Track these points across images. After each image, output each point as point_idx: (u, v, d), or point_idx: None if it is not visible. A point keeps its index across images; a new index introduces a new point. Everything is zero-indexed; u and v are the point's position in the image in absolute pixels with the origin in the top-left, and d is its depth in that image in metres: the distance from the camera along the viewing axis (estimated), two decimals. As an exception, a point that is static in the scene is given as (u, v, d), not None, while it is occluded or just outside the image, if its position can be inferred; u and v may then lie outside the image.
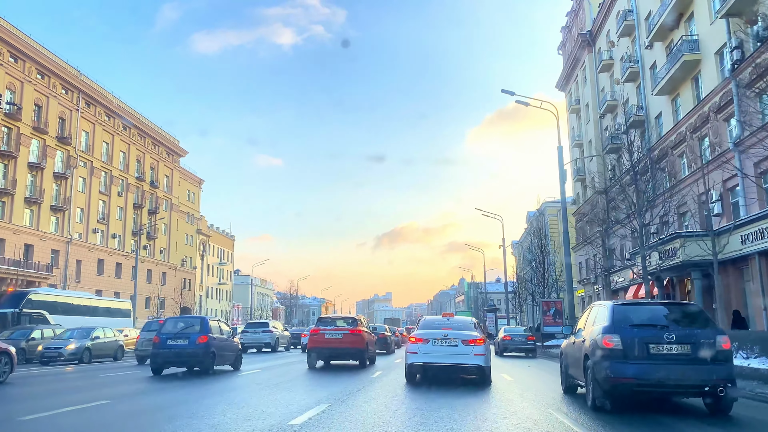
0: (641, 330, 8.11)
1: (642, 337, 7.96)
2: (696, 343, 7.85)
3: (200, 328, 15.32)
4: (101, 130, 54.88)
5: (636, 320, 8.35)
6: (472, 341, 12.12)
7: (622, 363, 7.85)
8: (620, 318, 8.34)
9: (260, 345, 29.44)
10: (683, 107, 27.13)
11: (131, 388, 12.62)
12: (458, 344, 12.06)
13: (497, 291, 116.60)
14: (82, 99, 51.59)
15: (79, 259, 50.77)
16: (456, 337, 12.12)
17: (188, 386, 12.39)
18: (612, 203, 29.04)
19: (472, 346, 12.06)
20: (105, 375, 16.37)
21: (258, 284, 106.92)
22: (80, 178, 51.78)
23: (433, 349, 12.08)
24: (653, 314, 8.65)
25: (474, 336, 12.28)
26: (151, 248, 64.12)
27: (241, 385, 12.73)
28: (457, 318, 13.75)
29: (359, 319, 19.12)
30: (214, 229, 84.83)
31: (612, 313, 8.47)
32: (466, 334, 12.31)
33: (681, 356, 7.83)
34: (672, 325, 8.14)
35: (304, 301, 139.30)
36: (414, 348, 12.27)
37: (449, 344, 12.06)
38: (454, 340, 12.08)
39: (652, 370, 7.75)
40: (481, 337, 12.34)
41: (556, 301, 29.42)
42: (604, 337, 8.12)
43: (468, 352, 12.01)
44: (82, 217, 52.01)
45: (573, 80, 46.82)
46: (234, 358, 16.78)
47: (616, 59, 36.86)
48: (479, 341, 12.16)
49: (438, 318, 13.59)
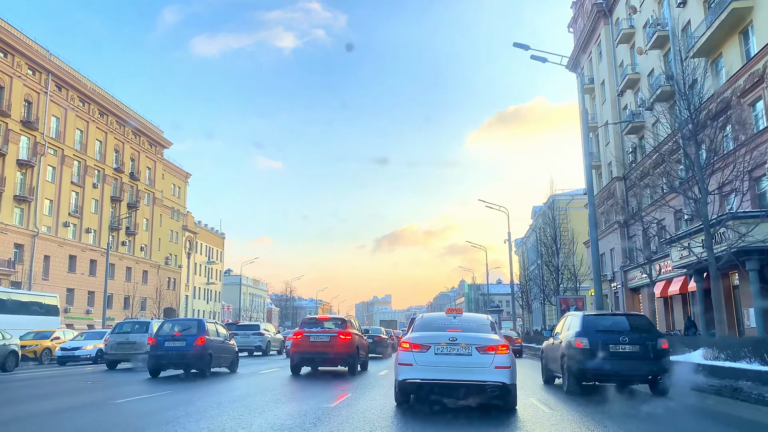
0: (604, 334, 10.72)
1: (604, 340, 10.57)
2: (643, 344, 10.57)
3: (197, 331, 15.37)
4: (74, 116, 50.73)
5: (600, 327, 11.01)
6: (492, 348, 8.09)
7: (590, 359, 10.43)
8: (589, 325, 10.96)
9: (251, 348, 28.01)
10: (727, 69, 23.09)
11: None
12: (472, 352, 8.03)
13: (499, 293, 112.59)
14: (51, 81, 47.46)
15: (47, 255, 46.61)
16: (468, 343, 8.10)
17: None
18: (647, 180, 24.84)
19: (491, 354, 8.02)
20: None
21: (250, 285, 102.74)
22: (49, 167, 47.63)
23: (434, 359, 8.08)
24: (613, 322, 11.53)
25: (494, 341, 8.26)
26: (131, 245, 59.94)
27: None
28: (467, 315, 9.62)
29: (349, 320, 17.18)
30: (202, 226, 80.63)
31: (583, 321, 11.19)
32: (483, 338, 8.29)
33: (632, 354, 10.50)
34: (626, 331, 10.82)
35: (300, 302, 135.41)
36: (407, 358, 8.25)
37: (459, 352, 8.04)
38: (465, 347, 8.05)
39: (611, 364, 10.41)
40: (503, 343, 8.28)
41: (576, 299, 25.23)
42: (576, 340, 10.72)
43: (486, 363, 7.98)
44: (51, 209, 47.84)
45: (586, 58, 42.76)
46: (230, 360, 16.85)
47: (638, 27, 32.82)
48: (501, 348, 8.12)
49: (441, 315, 9.47)
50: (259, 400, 9.85)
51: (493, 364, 7.94)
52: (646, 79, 31.79)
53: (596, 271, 18.97)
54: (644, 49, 31.19)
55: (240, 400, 9.81)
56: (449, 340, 8.10)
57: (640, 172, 32.86)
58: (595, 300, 19.32)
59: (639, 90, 32.86)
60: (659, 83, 28.37)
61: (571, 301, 26.32)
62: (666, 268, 28.90)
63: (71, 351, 23.04)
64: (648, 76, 31.45)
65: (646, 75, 31.77)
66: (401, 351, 8.43)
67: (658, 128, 29.55)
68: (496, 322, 9.37)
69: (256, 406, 9.04)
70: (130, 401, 10.18)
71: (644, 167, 32.30)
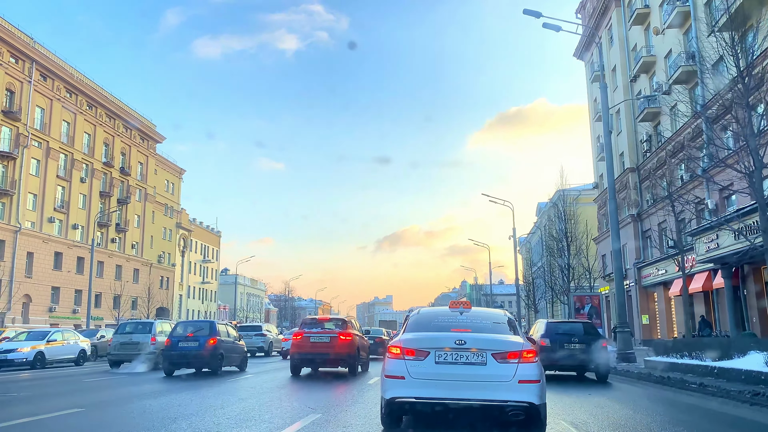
0: (561, 336, 14.60)
1: (561, 340, 14.41)
2: (588, 343, 14.27)
3: (209, 332, 16.06)
4: (60, 107, 48.62)
5: (559, 331, 14.98)
6: (515, 354, 5.96)
7: (551, 354, 13.94)
8: (551, 329, 15.03)
9: (253, 349, 27.52)
10: (761, 41, 20.88)
11: None
12: (486, 360, 5.90)
13: (502, 293, 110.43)
14: (36, 70, 45.38)
15: (31, 252, 44.51)
16: (482, 347, 5.99)
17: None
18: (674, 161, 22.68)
19: (513, 363, 5.91)
20: None
21: (248, 284, 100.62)
22: (33, 160, 45.55)
23: (435, 370, 5.96)
24: (569, 327, 15.40)
25: (516, 344, 6.13)
26: (121, 242, 57.84)
27: None
28: (478, 311, 7.41)
29: (350, 321, 16.99)
30: (197, 223, 78.48)
31: (546, 326, 15.33)
32: (501, 341, 6.17)
33: (581, 350, 14.21)
34: (578, 334, 14.70)
35: (300, 303, 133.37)
36: (397, 368, 6.11)
37: (468, 360, 5.93)
38: (477, 353, 5.92)
39: (566, 358, 14.19)
40: (529, 348, 6.13)
41: (592, 296, 22.88)
42: (541, 339, 14.39)
43: (506, 376, 5.86)
44: (35, 203, 45.77)
45: (595, 44, 40.57)
46: (240, 359, 17.51)
47: (653, 6, 30.70)
48: (527, 355, 6.01)
49: (443, 311, 7.22)
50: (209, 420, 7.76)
51: (515, 377, 5.81)
52: (662, 61, 29.66)
53: (618, 266, 16.82)
54: (661, 29, 29.07)
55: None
56: (455, 343, 5.97)
57: (656, 160, 30.74)
58: (617, 298, 17.15)
59: (654, 74, 30.74)
60: (678, 63, 26.22)
61: (586, 299, 24.06)
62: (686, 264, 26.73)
63: (4, 354, 20.01)
64: (665, 58, 29.32)
65: (662, 57, 29.64)
66: (390, 358, 6.24)
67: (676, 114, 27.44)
68: (514, 320, 7.20)
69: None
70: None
71: (660, 157, 30.18)
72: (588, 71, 42.94)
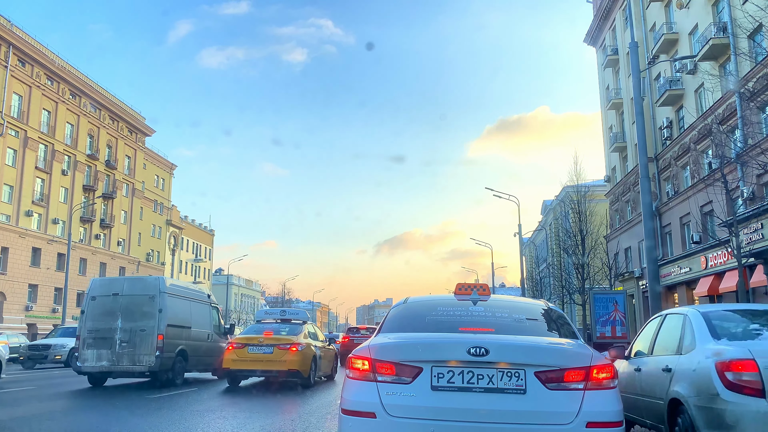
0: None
1: None
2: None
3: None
4: (40, 95, 45.98)
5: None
6: (578, 374, 3.23)
7: None
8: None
9: None
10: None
11: None
12: (524, 383, 3.18)
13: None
14: (13, 55, 42.74)
15: (6, 247, 41.84)
16: (516, 360, 3.26)
17: None
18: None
19: (576, 391, 3.17)
20: None
21: (242, 285, 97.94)
22: (9, 149, 42.89)
23: (432, 402, 3.32)
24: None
25: (577, 356, 3.35)
26: (106, 238, 55.14)
27: None
28: (501, 300, 4.57)
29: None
30: (188, 221, 75.80)
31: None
32: (549, 349, 3.43)
33: None
34: None
35: (298, 304, 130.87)
36: (362, 396, 3.39)
37: (492, 385, 3.23)
38: (509, 370, 3.24)
39: None
40: (601, 362, 3.36)
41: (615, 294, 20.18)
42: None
43: (563, 414, 3.13)
44: (11, 196, 43.09)
45: (608, 27, 37.97)
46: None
47: (676, -21, 28.04)
48: (598, 374, 3.25)
49: (444, 298, 4.52)
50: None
51: (580, 416, 3.12)
52: (686, 39, 27.01)
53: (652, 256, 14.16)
54: (685, 1, 26.42)
55: None
56: (469, 353, 3.28)
57: (678, 148, 28.08)
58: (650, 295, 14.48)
59: (677, 53, 28.05)
60: (707, 36, 23.56)
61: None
62: (714, 261, 24.08)
63: None
64: (689, 35, 26.67)
65: (686, 33, 26.98)
66: (350, 379, 3.54)
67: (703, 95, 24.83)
68: (560, 314, 4.46)
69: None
70: None
71: (683, 143, 27.53)
72: (600, 57, 40.31)
